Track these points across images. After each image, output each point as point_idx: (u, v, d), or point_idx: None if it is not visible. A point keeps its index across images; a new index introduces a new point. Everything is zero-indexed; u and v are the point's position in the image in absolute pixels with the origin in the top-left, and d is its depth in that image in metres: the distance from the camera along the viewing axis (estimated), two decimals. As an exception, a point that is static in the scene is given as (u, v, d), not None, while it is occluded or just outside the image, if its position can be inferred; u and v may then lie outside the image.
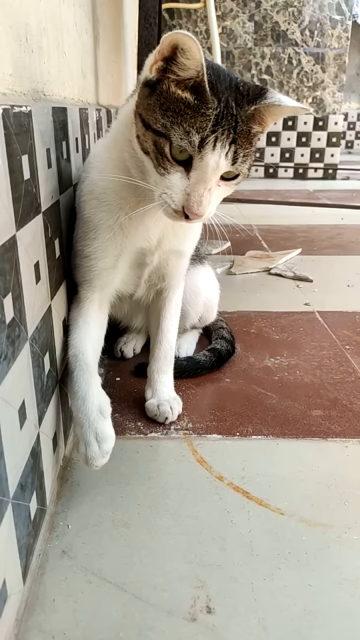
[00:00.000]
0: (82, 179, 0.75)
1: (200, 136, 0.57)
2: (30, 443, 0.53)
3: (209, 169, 0.58)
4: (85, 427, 0.64)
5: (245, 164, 0.62)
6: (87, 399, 0.66)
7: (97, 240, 0.72)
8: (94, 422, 0.64)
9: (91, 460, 0.63)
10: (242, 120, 0.59)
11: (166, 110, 0.58)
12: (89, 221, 0.72)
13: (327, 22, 3.42)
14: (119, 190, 0.70)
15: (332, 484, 0.70)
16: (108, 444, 0.64)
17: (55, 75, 0.76)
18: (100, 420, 0.65)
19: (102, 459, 0.64)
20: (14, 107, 0.48)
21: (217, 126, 0.57)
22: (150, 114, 0.59)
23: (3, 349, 0.44)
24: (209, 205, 0.61)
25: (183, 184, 0.60)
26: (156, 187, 0.62)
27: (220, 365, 1.00)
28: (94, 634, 0.49)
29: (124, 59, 1.70)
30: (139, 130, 0.62)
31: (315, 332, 1.18)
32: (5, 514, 0.44)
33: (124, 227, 0.71)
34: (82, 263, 0.74)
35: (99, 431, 0.64)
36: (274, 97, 0.60)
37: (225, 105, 0.57)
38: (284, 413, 0.86)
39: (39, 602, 0.52)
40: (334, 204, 2.50)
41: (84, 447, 0.64)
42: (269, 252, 1.83)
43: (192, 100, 0.57)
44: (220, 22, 3.34)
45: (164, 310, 0.86)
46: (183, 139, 0.57)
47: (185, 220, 0.61)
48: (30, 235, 0.53)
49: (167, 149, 0.59)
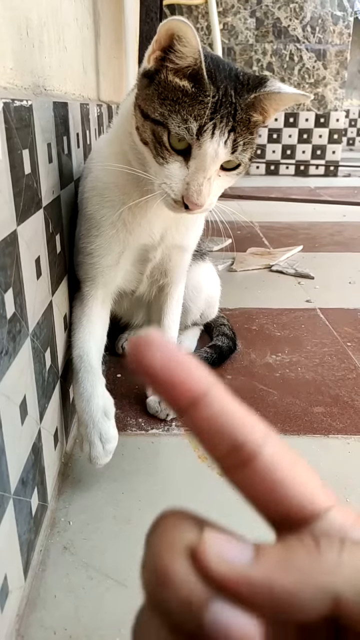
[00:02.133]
0: (85, 175, 0.75)
1: (198, 124, 0.56)
2: (32, 439, 0.53)
3: (207, 157, 0.58)
4: (90, 428, 0.66)
5: (246, 153, 0.61)
6: (92, 401, 0.67)
7: (100, 237, 0.71)
8: (98, 423, 0.66)
9: (95, 459, 0.66)
10: (242, 109, 0.58)
11: (164, 99, 0.57)
12: (92, 218, 0.71)
13: (329, 18, 3.40)
14: (122, 185, 0.69)
15: (334, 481, 0.69)
16: (111, 444, 0.66)
17: (56, 70, 0.75)
18: (105, 422, 0.67)
19: (106, 458, 0.66)
20: (15, 101, 0.48)
21: (216, 114, 0.56)
22: (148, 104, 0.59)
23: (4, 344, 0.44)
24: (209, 195, 0.60)
25: (182, 173, 0.59)
26: (156, 177, 0.62)
27: (221, 362, 1.00)
28: (95, 630, 0.49)
29: (125, 55, 1.69)
30: (138, 121, 0.61)
31: (316, 329, 1.18)
32: (6, 510, 0.44)
33: (127, 223, 0.70)
34: (85, 260, 0.73)
35: (103, 432, 0.66)
36: (273, 85, 0.59)
37: (224, 93, 0.57)
38: (285, 410, 0.86)
39: (40, 598, 0.52)
40: (336, 200, 2.49)
41: (88, 447, 0.66)
42: (270, 249, 1.83)
43: (190, 88, 0.56)
44: (221, 18, 3.32)
45: (165, 306, 0.86)
46: (181, 127, 0.56)
47: (185, 210, 0.61)
48: (31, 231, 0.53)
49: (165, 138, 0.58)
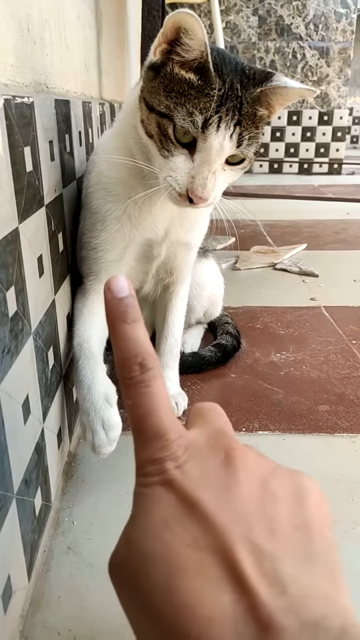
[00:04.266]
0: (89, 169, 0.74)
1: (204, 117, 0.56)
2: (35, 438, 0.53)
3: (213, 150, 0.57)
4: (92, 416, 0.64)
5: (251, 147, 0.61)
6: (93, 387, 0.65)
7: (104, 232, 0.71)
8: (100, 410, 0.64)
9: (98, 448, 0.63)
10: (248, 102, 0.58)
11: (170, 92, 0.57)
12: (97, 212, 0.71)
13: (332, 15, 3.39)
14: (127, 179, 0.69)
15: (339, 480, 0.69)
16: (115, 431, 0.64)
17: (57, 68, 0.75)
18: (107, 408, 0.64)
19: (109, 446, 0.64)
20: (16, 98, 0.47)
21: (221, 107, 0.56)
22: (154, 96, 0.59)
23: (6, 343, 0.43)
24: (214, 189, 0.60)
25: (187, 166, 0.59)
26: (161, 170, 0.61)
27: (225, 361, 0.99)
28: (100, 630, 0.49)
29: (127, 54, 1.69)
30: (143, 114, 0.61)
31: (321, 327, 1.17)
32: (9, 510, 0.43)
33: (132, 217, 0.70)
34: (89, 255, 0.73)
35: (106, 419, 0.64)
36: (280, 80, 0.59)
37: (230, 87, 0.57)
38: (290, 408, 0.85)
39: (44, 598, 0.52)
40: (339, 197, 2.48)
41: (90, 435, 0.64)
42: (274, 247, 1.82)
43: (196, 81, 0.56)
44: (224, 16, 3.31)
45: (170, 304, 0.86)
46: (186, 120, 0.56)
47: (190, 204, 0.60)
48: (33, 228, 0.53)
49: (170, 131, 0.58)
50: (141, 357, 0.33)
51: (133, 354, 0.33)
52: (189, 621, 0.26)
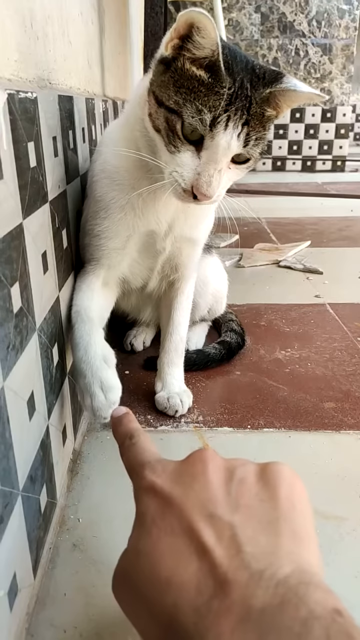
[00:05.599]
0: (94, 158, 0.74)
1: (213, 115, 0.56)
2: (40, 435, 0.52)
3: (219, 149, 0.57)
4: (89, 377, 0.62)
5: (257, 147, 0.61)
6: (90, 348, 0.63)
7: (107, 220, 0.70)
8: (98, 370, 0.62)
9: (98, 411, 0.61)
10: (256, 102, 0.58)
11: (180, 87, 0.57)
12: (100, 200, 0.71)
13: (335, 12, 3.37)
14: (132, 169, 0.69)
15: (345, 477, 0.68)
16: (114, 393, 0.62)
17: (60, 64, 0.75)
18: (104, 369, 0.63)
19: (110, 409, 0.61)
20: (20, 93, 0.47)
21: (230, 106, 0.56)
22: (163, 91, 0.58)
23: (11, 339, 0.43)
24: (219, 187, 0.60)
25: (194, 163, 0.59)
26: (166, 165, 0.61)
27: (230, 358, 0.99)
28: (106, 628, 0.48)
29: (130, 51, 1.69)
30: (152, 108, 0.61)
31: (326, 324, 1.16)
32: (15, 507, 0.43)
33: (136, 208, 0.70)
34: (92, 242, 0.72)
35: (104, 379, 0.62)
36: (290, 82, 0.59)
37: (240, 86, 0.56)
38: (295, 405, 0.85)
39: (50, 596, 0.51)
40: (342, 194, 2.47)
41: (89, 399, 0.62)
42: (278, 244, 1.81)
43: (206, 79, 0.56)
44: (226, 14, 3.30)
45: (175, 301, 0.85)
46: (194, 117, 0.56)
47: (194, 201, 0.60)
48: (38, 224, 0.52)
49: (178, 127, 0.58)
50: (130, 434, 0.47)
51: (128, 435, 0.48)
52: (167, 593, 0.32)
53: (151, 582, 0.33)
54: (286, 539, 0.33)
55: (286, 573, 0.30)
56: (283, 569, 0.30)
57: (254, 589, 0.29)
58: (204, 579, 0.31)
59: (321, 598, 0.28)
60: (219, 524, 0.34)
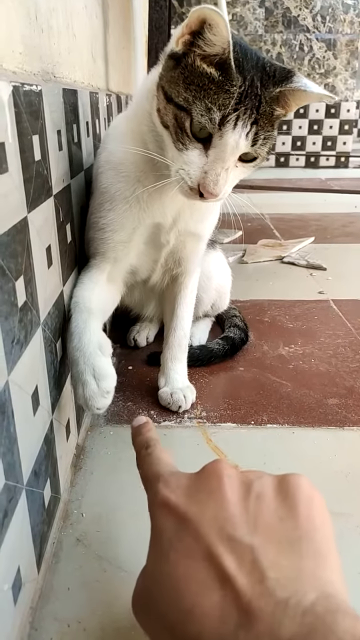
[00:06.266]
0: (100, 151, 0.74)
1: (222, 113, 0.55)
2: (44, 430, 0.52)
3: (228, 147, 0.57)
4: (81, 365, 0.59)
5: (265, 146, 0.60)
6: (84, 335, 0.60)
7: (112, 212, 0.70)
8: (91, 356, 0.59)
9: (90, 400, 0.58)
10: (266, 101, 0.57)
11: (189, 84, 0.56)
12: (106, 192, 0.70)
13: (339, 7, 3.35)
14: (138, 162, 0.68)
15: (349, 473, 0.68)
16: (108, 382, 0.59)
17: (65, 57, 0.74)
18: (98, 356, 0.59)
19: (103, 399, 0.58)
20: (25, 85, 0.47)
21: (240, 104, 0.56)
22: (173, 87, 0.58)
23: (15, 333, 0.43)
24: (225, 185, 0.59)
25: (201, 161, 0.58)
26: (173, 162, 0.61)
27: (233, 354, 0.99)
28: (110, 623, 0.48)
29: (134, 46, 1.68)
30: (160, 103, 0.60)
31: (329, 321, 1.16)
32: (19, 501, 0.43)
33: (141, 201, 0.69)
34: (97, 235, 0.72)
35: (97, 367, 0.59)
36: (300, 81, 0.58)
37: (250, 84, 0.56)
38: (299, 401, 0.85)
39: (54, 590, 0.51)
40: (346, 190, 2.46)
41: (81, 389, 0.58)
42: (282, 240, 1.81)
43: (216, 76, 0.55)
44: (230, 8, 3.28)
45: (179, 296, 0.85)
46: (204, 116, 0.56)
47: (200, 198, 0.60)
48: (42, 218, 0.52)
49: (187, 124, 0.57)
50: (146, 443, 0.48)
51: None
52: (191, 623, 0.32)
53: (173, 610, 0.33)
54: (308, 561, 0.33)
55: (312, 600, 0.29)
56: (308, 595, 0.30)
57: (280, 618, 0.29)
58: (228, 608, 0.31)
59: (350, 626, 0.28)
60: (239, 548, 0.33)
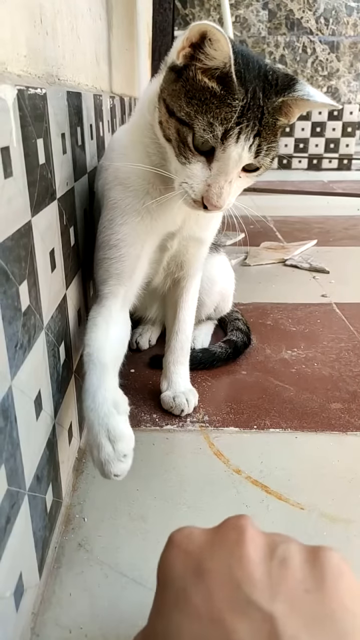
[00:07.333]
0: (105, 166, 0.73)
1: (224, 128, 0.55)
2: (46, 434, 0.52)
3: (231, 161, 0.57)
4: (96, 427, 0.54)
5: (268, 156, 0.60)
6: (98, 393, 0.57)
7: (125, 226, 0.69)
8: (105, 417, 0.54)
9: (106, 465, 0.52)
10: (269, 112, 0.57)
11: (191, 99, 0.56)
12: (116, 207, 0.69)
13: (343, 9, 3.35)
14: (145, 174, 0.67)
15: (352, 479, 0.68)
16: (124, 443, 0.53)
17: (69, 60, 0.74)
18: (112, 415, 0.55)
19: (120, 463, 0.52)
20: (29, 89, 0.47)
21: (242, 118, 0.55)
22: (175, 101, 0.57)
23: (19, 338, 0.43)
24: (229, 197, 0.59)
25: (204, 174, 0.58)
26: (176, 175, 0.61)
27: (236, 357, 0.98)
28: (111, 628, 0.48)
29: (137, 48, 1.68)
30: (163, 117, 0.60)
31: (332, 324, 1.16)
32: (21, 506, 0.43)
33: (151, 211, 0.69)
34: (110, 254, 0.70)
35: (111, 427, 0.53)
36: (303, 90, 0.58)
37: (252, 97, 0.55)
38: (302, 406, 0.84)
39: (56, 595, 0.51)
40: (349, 192, 2.46)
41: (96, 452, 0.53)
42: (284, 243, 1.80)
43: (218, 90, 0.55)
44: (233, 10, 3.28)
45: (181, 300, 0.85)
46: (206, 131, 0.55)
47: (204, 210, 0.60)
48: (46, 222, 0.52)
49: (189, 139, 0.57)
50: None
51: None
52: None
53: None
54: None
55: None
56: None
57: None
58: None
59: None
60: (255, 615, 0.30)
